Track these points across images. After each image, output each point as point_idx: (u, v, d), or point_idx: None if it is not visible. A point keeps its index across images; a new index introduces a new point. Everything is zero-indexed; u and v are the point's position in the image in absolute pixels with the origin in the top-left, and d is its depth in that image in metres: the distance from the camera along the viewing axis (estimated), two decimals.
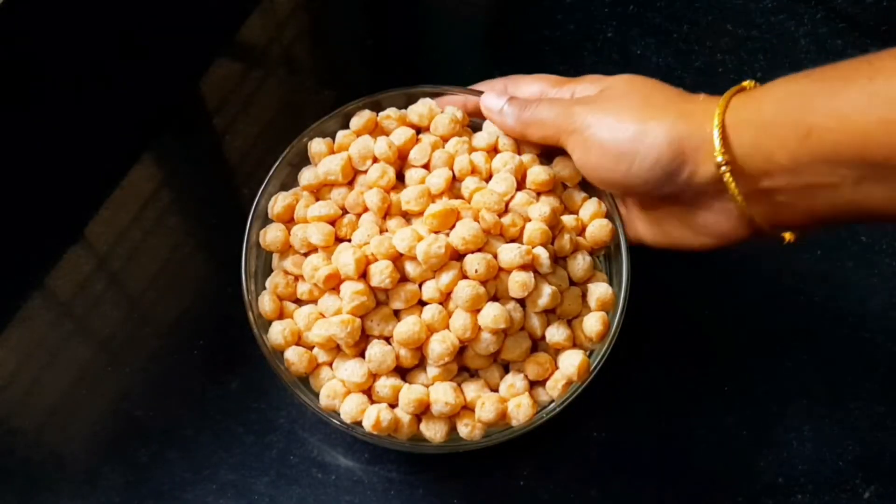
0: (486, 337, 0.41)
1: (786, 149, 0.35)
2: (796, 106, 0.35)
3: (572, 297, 0.43)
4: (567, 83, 0.45)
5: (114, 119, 0.57)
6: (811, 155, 0.35)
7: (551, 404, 0.43)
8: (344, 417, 0.42)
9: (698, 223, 0.41)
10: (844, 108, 0.33)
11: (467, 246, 0.41)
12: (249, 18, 0.61)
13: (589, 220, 0.45)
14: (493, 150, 0.46)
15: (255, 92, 0.58)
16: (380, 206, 0.43)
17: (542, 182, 0.44)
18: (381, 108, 0.47)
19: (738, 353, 0.50)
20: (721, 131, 0.37)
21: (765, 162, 0.36)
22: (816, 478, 0.47)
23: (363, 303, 0.41)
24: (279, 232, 0.45)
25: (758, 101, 0.37)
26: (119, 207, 0.54)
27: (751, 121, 0.37)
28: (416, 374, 0.43)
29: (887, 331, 0.51)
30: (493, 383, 0.43)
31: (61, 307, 0.51)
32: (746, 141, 0.37)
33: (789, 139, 0.35)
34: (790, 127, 0.35)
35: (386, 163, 0.45)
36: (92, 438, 0.48)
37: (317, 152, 0.46)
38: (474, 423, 0.42)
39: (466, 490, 0.47)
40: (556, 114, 0.43)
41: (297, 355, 0.43)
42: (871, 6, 0.62)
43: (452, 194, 0.44)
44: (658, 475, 0.47)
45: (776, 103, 0.36)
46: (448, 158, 0.45)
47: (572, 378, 0.42)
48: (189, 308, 0.51)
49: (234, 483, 0.47)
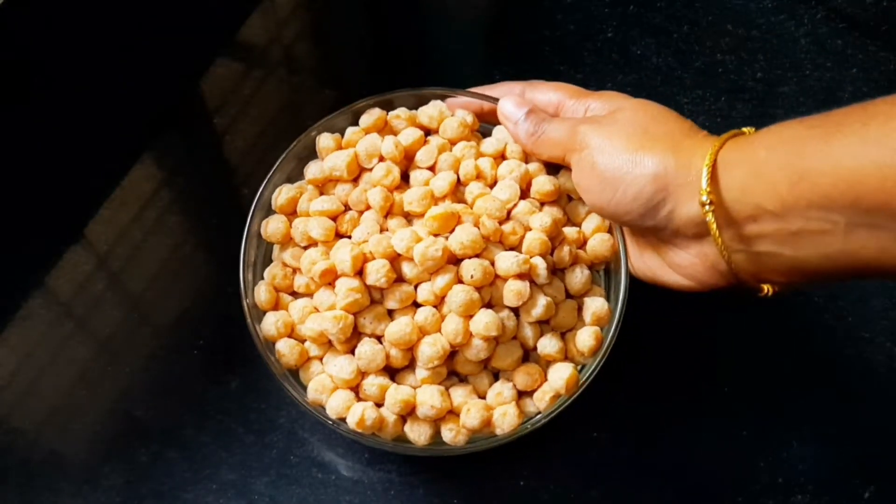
0: (477, 343, 0.41)
1: (776, 193, 0.35)
2: (789, 151, 0.35)
3: (567, 310, 0.43)
4: (585, 96, 0.44)
5: (114, 119, 0.57)
6: (802, 199, 0.34)
7: (538, 416, 0.43)
8: (329, 413, 0.42)
9: (675, 262, 0.41)
10: (837, 153, 0.33)
11: (465, 251, 0.41)
12: (250, 18, 0.61)
13: (591, 234, 0.45)
14: (500, 156, 0.46)
15: (256, 92, 0.58)
16: (382, 204, 0.43)
17: (546, 192, 0.44)
18: (393, 107, 0.47)
19: (737, 353, 0.50)
20: (710, 170, 0.36)
21: (752, 206, 0.36)
22: (816, 478, 0.47)
23: (357, 300, 0.41)
24: (280, 224, 0.45)
25: (752, 144, 0.37)
26: (119, 207, 0.54)
27: (742, 162, 0.36)
28: (406, 375, 0.43)
29: (887, 331, 0.51)
30: (482, 390, 0.43)
31: (61, 307, 0.51)
32: (736, 183, 0.36)
33: (780, 183, 0.35)
34: (782, 171, 0.35)
35: (392, 162, 0.45)
36: (92, 438, 0.48)
37: (324, 147, 0.46)
38: (459, 429, 0.42)
39: (466, 490, 0.47)
40: (563, 133, 0.43)
41: (288, 347, 0.43)
42: (871, 6, 0.62)
43: (456, 198, 0.44)
44: (658, 475, 0.47)
45: (769, 148, 0.36)
46: (454, 162, 0.45)
47: (560, 391, 0.42)
48: (189, 308, 0.51)
49: (234, 483, 0.47)
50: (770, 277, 0.39)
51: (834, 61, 0.59)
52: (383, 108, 0.47)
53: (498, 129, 0.47)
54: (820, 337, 0.51)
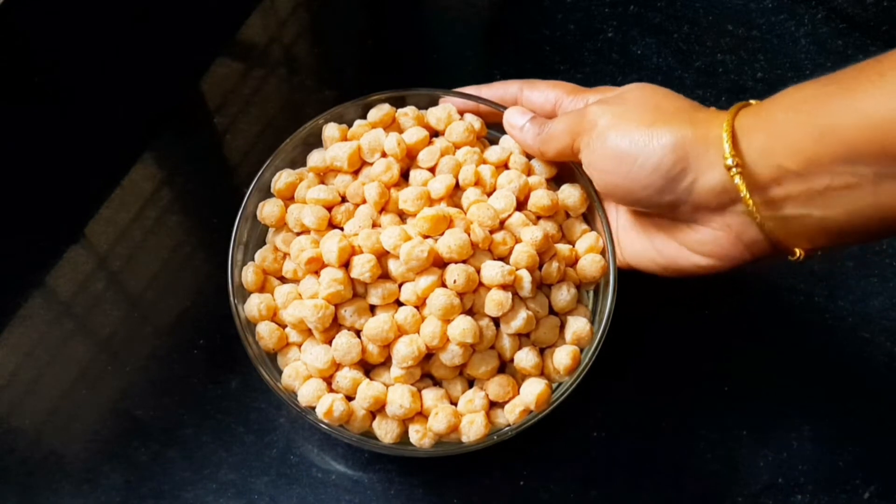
0: (453, 348, 0.41)
1: (799, 152, 0.35)
2: (809, 110, 0.35)
3: (549, 327, 0.43)
4: (582, 92, 0.45)
5: (114, 119, 0.57)
6: (827, 155, 0.34)
7: (506, 428, 0.43)
8: (300, 400, 0.42)
9: (695, 241, 0.40)
10: (861, 105, 0.33)
11: (452, 255, 0.41)
12: (250, 18, 0.61)
13: (583, 253, 0.45)
14: (503, 165, 0.46)
15: (256, 91, 0.58)
16: (378, 200, 0.43)
17: (543, 206, 0.44)
18: (405, 104, 0.47)
19: (737, 353, 0.50)
20: (730, 135, 0.36)
21: (775, 168, 0.36)
22: (816, 478, 0.47)
23: (339, 291, 0.41)
24: (276, 207, 0.45)
25: (767, 109, 0.37)
26: (119, 207, 0.54)
27: (760, 127, 0.36)
28: (380, 371, 0.43)
29: (887, 331, 0.51)
30: (454, 396, 0.43)
31: (61, 307, 0.51)
32: (756, 147, 0.36)
33: (803, 142, 0.35)
34: (803, 130, 0.35)
35: (393, 159, 0.45)
36: (92, 438, 0.48)
37: (329, 136, 0.46)
38: (425, 431, 0.42)
39: (466, 490, 0.47)
40: (568, 121, 0.42)
41: (268, 331, 0.43)
42: (871, 6, 0.62)
43: (452, 202, 0.44)
44: (658, 475, 0.47)
45: (787, 109, 0.36)
46: (455, 166, 0.45)
47: (531, 406, 0.42)
48: (189, 308, 0.51)
49: (234, 483, 0.47)
50: (797, 243, 0.38)
51: (834, 61, 0.59)
52: (394, 105, 0.47)
53: (505, 138, 0.47)
54: (820, 337, 0.51)
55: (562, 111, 0.45)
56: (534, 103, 0.46)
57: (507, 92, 0.46)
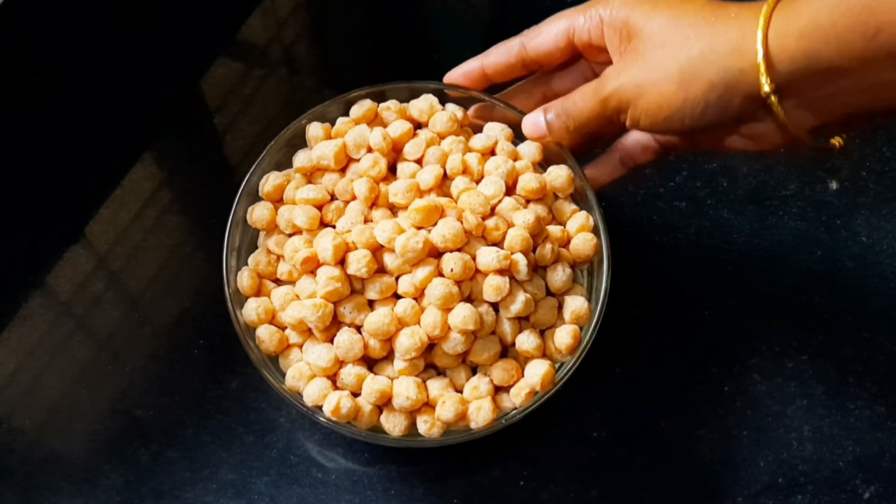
0: (454, 337, 0.41)
1: (850, 52, 0.34)
2: (860, 9, 0.34)
3: (547, 308, 0.43)
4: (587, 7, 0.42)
5: (114, 119, 0.57)
6: (882, 51, 0.33)
7: (513, 412, 0.43)
8: (306, 400, 0.42)
9: (752, 133, 0.40)
10: None
11: (447, 244, 0.41)
12: (250, 18, 0.61)
13: (575, 233, 0.45)
14: (489, 152, 0.46)
15: (256, 91, 0.58)
16: (367, 195, 0.43)
17: (532, 189, 0.44)
18: (385, 99, 0.47)
19: (737, 353, 0.50)
20: (766, 55, 0.36)
21: (824, 70, 0.35)
22: (816, 478, 0.47)
23: (337, 289, 0.41)
24: (266, 210, 0.45)
25: (803, 13, 0.35)
26: (119, 207, 0.54)
27: (802, 33, 0.35)
28: (384, 365, 0.43)
29: (887, 331, 0.51)
30: (459, 384, 0.43)
31: (61, 307, 0.51)
32: (800, 54, 0.35)
33: (854, 41, 0.34)
34: (855, 29, 0.34)
35: (380, 154, 0.45)
36: (92, 438, 0.48)
37: (313, 136, 0.46)
38: (434, 421, 0.42)
39: (466, 489, 0.47)
40: (587, 93, 0.41)
41: (268, 334, 0.43)
42: None
43: (441, 192, 0.44)
44: (658, 475, 0.47)
45: (831, 10, 0.34)
46: (442, 156, 0.45)
47: (536, 388, 0.42)
48: (189, 308, 0.51)
49: (234, 483, 0.47)
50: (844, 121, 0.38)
51: None
52: (375, 100, 0.47)
53: (489, 125, 0.47)
54: (820, 337, 0.51)
55: (578, 36, 0.43)
56: (546, 48, 0.44)
57: (510, 52, 0.45)
